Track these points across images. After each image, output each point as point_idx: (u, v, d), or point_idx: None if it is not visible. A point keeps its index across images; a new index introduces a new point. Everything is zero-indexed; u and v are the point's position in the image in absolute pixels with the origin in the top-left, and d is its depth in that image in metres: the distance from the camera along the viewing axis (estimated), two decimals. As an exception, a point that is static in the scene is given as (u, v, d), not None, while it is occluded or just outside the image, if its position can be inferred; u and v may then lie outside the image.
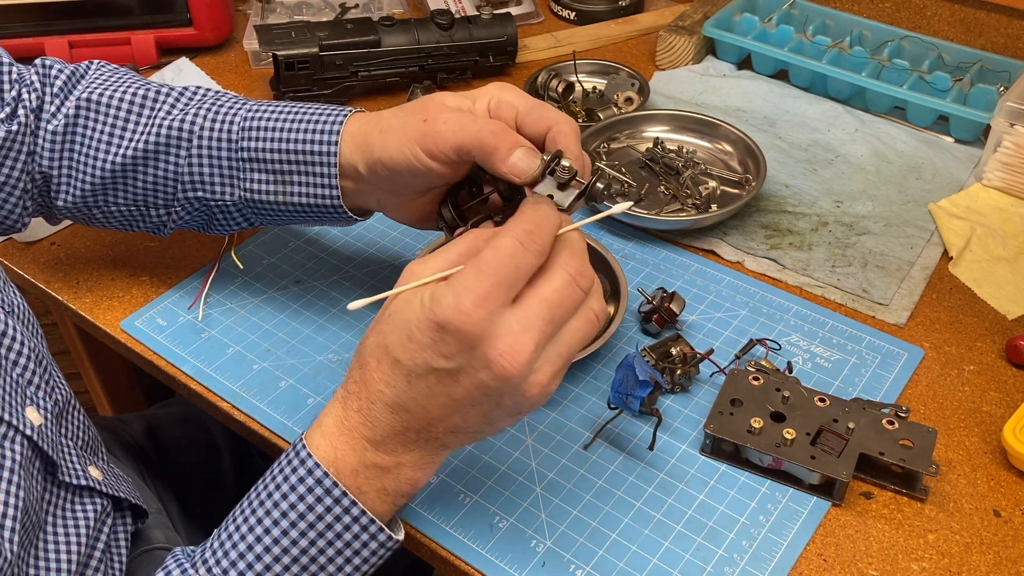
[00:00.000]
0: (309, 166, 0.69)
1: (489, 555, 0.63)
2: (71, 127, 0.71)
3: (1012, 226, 0.87)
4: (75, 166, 0.72)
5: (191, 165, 0.71)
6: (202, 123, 0.70)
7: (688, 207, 0.88)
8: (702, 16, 1.12)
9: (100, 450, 0.70)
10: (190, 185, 0.72)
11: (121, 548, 0.66)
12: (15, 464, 0.55)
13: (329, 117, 0.69)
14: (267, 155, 0.69)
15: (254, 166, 0.70)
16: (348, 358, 0.76)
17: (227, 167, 0.71)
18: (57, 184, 0.73)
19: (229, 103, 0.72)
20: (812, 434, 0.66)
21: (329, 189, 0.69)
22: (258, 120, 0.70)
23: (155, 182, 0.72)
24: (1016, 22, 1.03)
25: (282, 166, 0.69)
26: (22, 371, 0.60)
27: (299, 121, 0.69)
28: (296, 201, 0.70)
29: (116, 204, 0.74)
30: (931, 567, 0.61)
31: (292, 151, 0.69)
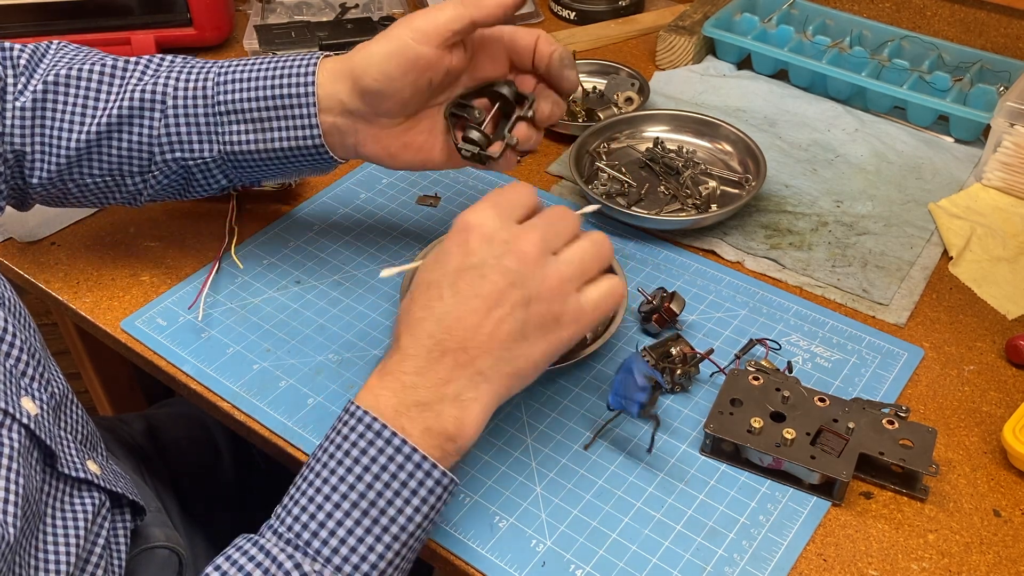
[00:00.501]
0: (287, 109, 0.70)
1: (489, 555, 0.63)
2: (40, 102, 0.71)
3: (1012, 226, 0.87)
4: (48, 140, 0.72)
5: (167, 126, 0.71)
6: (175, 84, 0.71)
7: (688, 207, 0.88)
8: (702, 16, 1.12)
9: (99, 446, 0.70)
10: (168, 147, 0.72)
11: (121, 545, 0.66)
12: (13, 452, 0.55)
13: (303, 60, 0.71)
14: (244, 104, 0.70)
15: (232, 118, 0.71)
16: (348, 358, 0.76)
17: (204, 123, 0.71)
18: (31, 161, 0.72)
19: (200, 64, 0.73)
20: (812, 434, 0.66)
21: (309, 129, 0.70)
22: (233, 74, 0.71)
23: (130, 148, 0.72)
24: (1016, 22, 1.03)
25: (260, 113, 0.70)
26: (15, 362, 0.60)
27: (274, 68, 0.71)
28: (276, 147, 0.71)
29: (92, 175, 0.74)
30: (931, 567, 0.61)
31: (269, 96, 0.70)
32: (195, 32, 1.13)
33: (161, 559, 0.73)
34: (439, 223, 0.89)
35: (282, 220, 0.90)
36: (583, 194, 0.89)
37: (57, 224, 0.89)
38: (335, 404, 0.72)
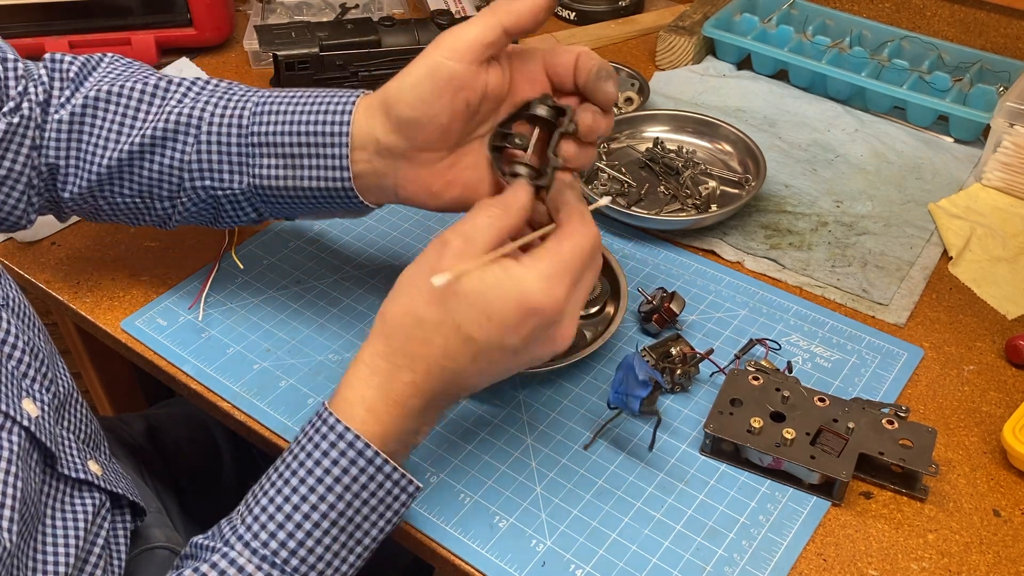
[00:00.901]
0: (320, 147, 0.67)
1: (489, 555, 0.63)
2: (79, 116, 0.70)
3: (1012, 226, 0.87)
4: (83, 156, 0.71)
5: (199, 152, 0.70)
6: (212, 110, 0.69)
7: (688, 207, 0.88)
8: (702, 16, 1.12)
9: (102, 445, 0.70)
10: (197, 174, 0.70)
11: (121, 546, 0.66)
12: (12, 455, 0.55)
13: (343, 96, 0.67)
14: (277, 138, 0.68)
15: (263, 151, 0.68)
16: (348, 358, 0.76)
17: (236, 153, 0.69)
18: (64, 175, 0.72)
19: (241, 91, 0.71)
20: (812, 434, 0.66)
21: (339, 171, 0.67)
22: (270, 105, 0.69)
23: (160, 171, 0.71)
24: (1016, 22, 1.03)
25: (292, 149, 0.68)
26: (17, 364, 0.60)
27: (311, 103, 0.68)
28: (305, 186, 0.68)
29: (121, 195, 0.73)
30: (931, 567, 0.62)
31: (303, 132, 0.67)
32: (195, 32, 1.13)
33: (161, 560, 0.73)
34: (439, 223, 0.89)
35: (282, 220, 0.90)
36: (583, 194, 0.88)
37: (57, 224, 0.89)
38: (335, 404, 0.72)
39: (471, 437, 0.70)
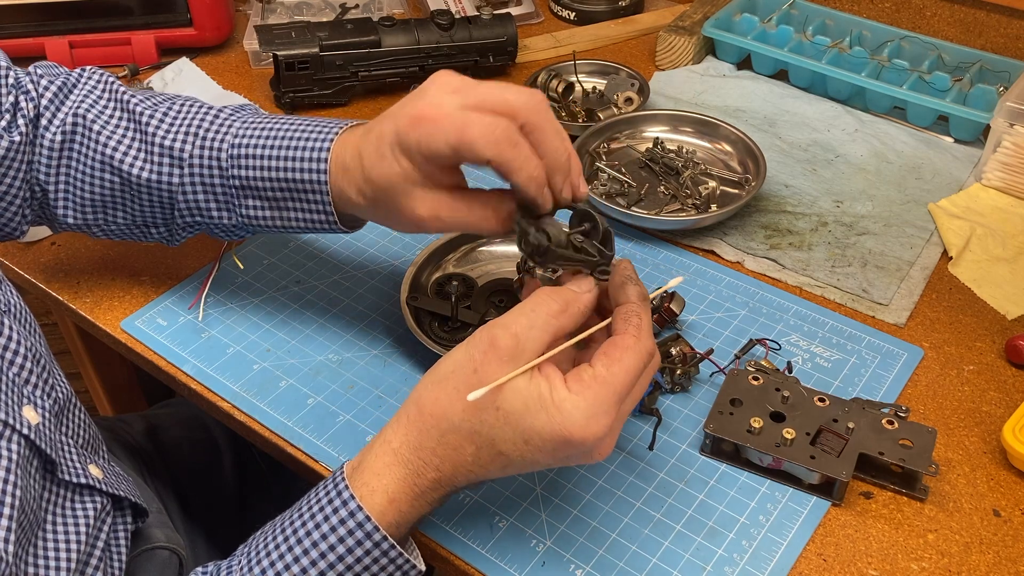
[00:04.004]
0: (301, 194, 0.67)
1: (489, 555, 0.63)
2: (67, 143, 0.71)
3: (1011, 226, 0.87)
4: (71, 185, 0.72)
5: (185, 192, 0.70)
6: (190, 150, 0.69)
7: (688, 207, 0.88)
8: (702, 16, 1.12)
9: (101, 448, 0.70)
10: (187, 210, 0.71)
11: (121, 547, 0.66)
12: (12, 463, 0.54)
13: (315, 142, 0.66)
14: (259, 183, 0.68)
15: (247, 193, 0.69)
16: (348, 358, 0.76)
17: (221, 194, 0.70)
18: (55, 200, 0.73)
19: (212, 125, 0.70)
20: (812, 434, 0.66)
21: (325, 215, 0.68)
22: (246, 148, 0.68)
23: (151, 206, 0.72)
24: (1016, 22, 1.03)
25: (275, 194, 0.68)
26: (19, 370, 0.60)
27: (286, 148, 0.67)
28: (294, 225, 0.70)
29: (116, 223, 0.74)
30: (931, 567, 0.62)
31: (282, 179, 0.67)
32: (195, 32, 1.13)
33: (161, 560, 0.73)
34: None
35: (282, 220, 0.90)
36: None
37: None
38: (335, 404, 0.72)
39: (471, 437, 0.70)
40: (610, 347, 0.54)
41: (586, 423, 0.51)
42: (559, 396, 0.51)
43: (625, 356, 0.53)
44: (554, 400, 0.51)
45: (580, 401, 0.51)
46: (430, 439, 0.54)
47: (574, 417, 0.51)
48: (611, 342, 0.54)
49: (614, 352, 0.53)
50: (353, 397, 0.73)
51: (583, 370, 0.53)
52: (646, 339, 0.54)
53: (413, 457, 0.55)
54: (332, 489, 0.55)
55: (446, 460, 0.54)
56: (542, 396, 0.51)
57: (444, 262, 0.83)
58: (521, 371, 0.52)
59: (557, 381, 0.52)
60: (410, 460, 0.55)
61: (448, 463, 0.54)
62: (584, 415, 0.51)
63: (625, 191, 0.90)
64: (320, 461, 0.68)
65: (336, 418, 0.71)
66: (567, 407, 0.51)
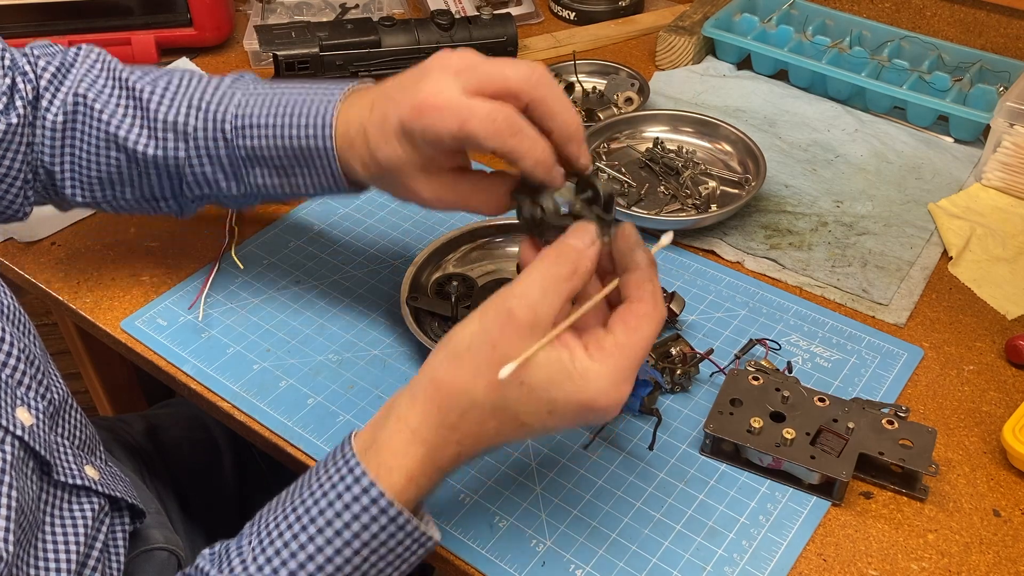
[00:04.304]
0: (309, 160, 0.67)
1: (489, 555, 0.63)
2: (70, 124, 0.71)
3: (1011, 226, 0.87)
4: (77, 164, 0.72)
5: (192, 166, 0.70)
6: (194, 123, 0.69)
7: (688, 207, 0.88)
8: (702, 16, 1.12)
9: (98, 449, 0.70)
10: (194, 183, 0.71)
11: (119, 548, 0.66)
12: (7, 465, 0.54)
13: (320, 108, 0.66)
14: (265, 152, 0.68)
15: (254, 163, 0.69)
16: (348, 358, 0.76)
17: (228, 165, 0.70)
18: (62, 180, 0.73)
19: (214, 96, 0.70)
20: (812, 434, 0.66)
21: (333, 179, 0.67)
22: (251, 117, 0.68)
23: (159, 180, 0.72)
24: (1016, 22, 1.03)
25: (282, 162, 0.68)
26: (11, 371, 0.60)
27: (291, 115, 0.67)
28: (303, 191, 0.70)
29: (125, 199, 0.74)
30: (931, 567, 0.61)
31: (289, 147, 0.67)
32: (195, 32, 1.13)
33: (160, 561, 0.73)
34: (439, 223, 0.89)
35: (282, 220, 0.90)
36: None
37: (57, 224, 0.89)
38: (335, 404, 0.72)
39: (471, 437, 0.70)
40: (628, 315, 0.54)
41: (610, 390, 0.51)
42: (582, 366, 0.51)
43: (643, 324, 0.53)
44: (578, 370, 0.51)
45: (603, 369, 0.51)
46: (451, 416, 0.53)
47: (600, 385, 0.51)
48: (629, 309, 0.54)
49: (632, 320, 0.53)
50: (353, 397, 0.73)
51: (603, 338, 0.53)
52: (661, 306, 0.54)
53: (432, 436, 0.53)
54: (343, 464, 0.54)
55: (467, 435, 0.53)
56: (565, 367, 0.51)
57: (444, 262, 0.83)
58: (545, 342, 0.51)
59: (578, 350, 0.52)
60: (429, 439, 0.53)
61: (470, 438, 0.53)
62: (608, 383, 0.51)
63: (625, 191, 0.90)
64: (320, 461, 0.68)
65: (336, 418, 0.71)
66: (591, 376, 0.51)
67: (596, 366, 0.51)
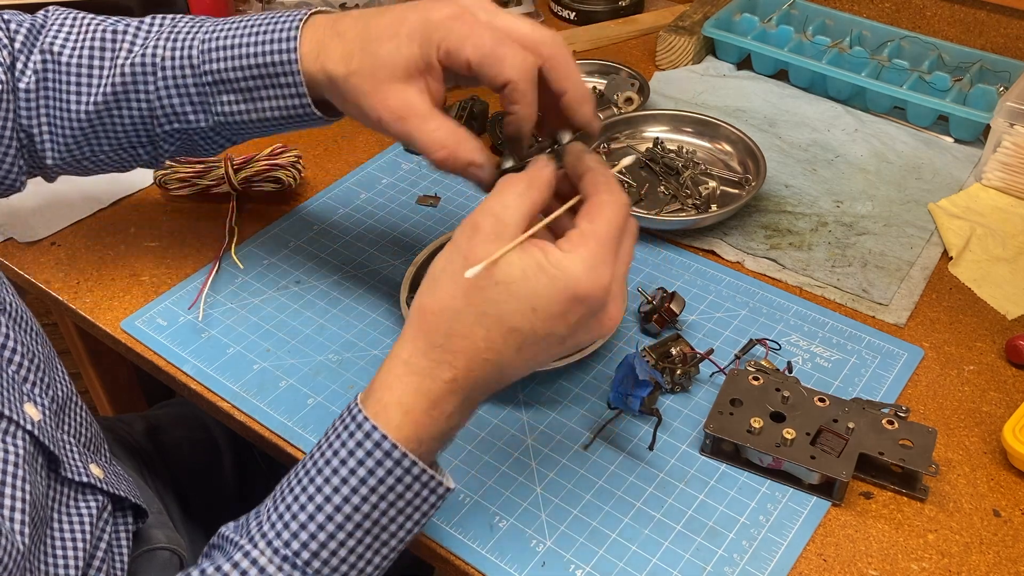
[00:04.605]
0: (274, 78, 0.67)
1: (489, 555, 0.63)
2: (41, 83, 0.71)
3: (1012, 226, 0.87)
4: (52, 121, 0.72)
5: (160, 98, 0.70)
6: (163, 53, 0.69)
7: (688, 207, 0.88)
8: (702, 16, 1.12)
9: (103, 448, 0.70)
10: (164, 118, 0.71)
11: (123, 548, 0.66)
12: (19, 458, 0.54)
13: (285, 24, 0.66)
14: (230, 74, 0.68)
15: (220, 88, 0.69)
16: (348, 358, 0.76)
17: (195, 93, 0.69)
18: (41, 141, 0.72)
19: (187, 27, 0.70)
20: (812, 434, 0.66)
21: (299, 99, 0.67)
22: (217, 40, 0.68)
23: (132, 121, 0.72)
24: (1016, 22, 1.03)
25: (247, 83, 0.68)
26: (17, 368, 0.60)
27: (256, 33, 0.67)
28: (269, 116, 0.69)
29: (102, 150, 0.74)
30: (931, 567, 0.62)
31: (253, 65, 0.67)
32: (195, 32, 1.13)
33: (162, 561, 0.73)
34: (439, 223, 0.89)
35: (282, 220, 0.90)
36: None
37: (57, 224, 0.89)
38: (335, 404, 0.72)
39: (471, 437, 0.70)
40: (587, 207, 0.54)
41: (588, 273, 0.51)
42: (555, 257, 0.52)
43: (604, 208, 0.54)
44: (551, 261, 0.52)
45: (576, 256, 0.52)
46: (438, 335, 0.53)
47: (575, 270, 0.51)
48: (588, 203, 0.55)
49: (592, 209, 0.54)
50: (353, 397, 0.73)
51: (570, 233, 0.53)
52: (618, 192, 0.55)
53: (423, 361, 0.53)
54: (347, 415, 0.54)
55: (458, 353, 0.53)
56: (539, 261, 0.52)
57: (444, 262, 0.83)
58: (513, 244, 0.52)
59: (550, 247, 0.52)
60: (420, 365, 0.53)
61: (461, 356, 0.53)
62: (584, 266, 0.52)
63: (625, 191, 0.90)
64: (320, 461, 0.68)
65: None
66: (565, 263, 0.52)
67: (567, 255, 0.52)
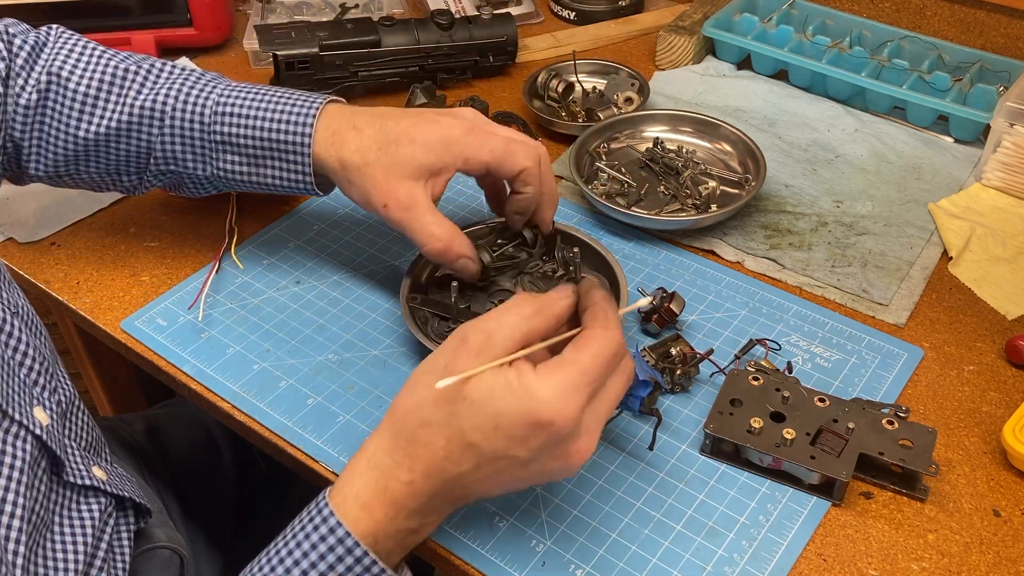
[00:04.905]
0: (282, 153, 0.71)
1: (489, 555, 0.63)
2: (42, 101, 0.72)
3: (1011, 226, 0.87)
4: (46, 139, 0.73)
5: (163, 143, 0.73)
6: (173, 103, 0.72)
7: (688, 207, 0.88)
8: (702, 16, 1.12)
9: (104, 450, 0.70)
10: (163, 160, 0.74)
11: (124, 547, 0.66)
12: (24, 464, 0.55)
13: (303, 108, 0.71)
14: (240, 140, 0.71)
15: (227, 148, 0.72)
16: (348, 358, 0.76)
17: (199, 147, 0.72)
18: (28, 155, 0.74)
19: (200, 84, 0.73)
20: (812, 434, 0.66)
21: (302, 175, 0.72)
22: (232, 106, 0.72)
23: (127, 155, 0.74)
24: (1016, 22, 1.03)
25: (255, 151, 0.71)
26: (28, 371, 0.60)
27: (272, 110, 0.71)
28: (268, 181, 0.73)
29: (88, 173, 0.76)
30: (931, 567, 0.62)
31: (265, 138, 0.71)
32: (195, 32, 1.13)
33: (162, 560, 0.73)
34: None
35: (282, 220, 0.90)
36: (583, 194, 0.89)
37: (57, 224, 0.89)
38: (335, 404, 0.72)
39: (471, 437, 0.70)
40: (578, 338, 0.54)
41: (556, 400, 0.50)
42: (526, 380, 0.51)
43: (592, 342, 0.53)
44: (521, 383, 0.51)
45: (547, 381, 0.51)
46: (402, 438, 0.54)
47: (543, 395, 0.50)
48: (580, 334, 0.54)
49: (581, 341, 0.53)
50: (353, 397, 0.73)
51: (552, 359, 0.53)
52: (613, 329, 0.54)
53: (384, 459, 0.54)
54: (313, 505, 0.55)
55: (417, 459, 0.53)
56: (510, 382, 0.51)
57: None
58: (490, 365, 0.51)
59: (526, 369, 0.52)
60: (381, 462, 0.54)
61: (420, 462, 0.53)
62: (553, 393, 0.50)
63: (625, 191, 0.90)
64: (320, 461, 0.68)
65: (336, 418, 0.71)
66: (534, 387, 0.51)
67: (540, 379, 0.51)
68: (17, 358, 0.60)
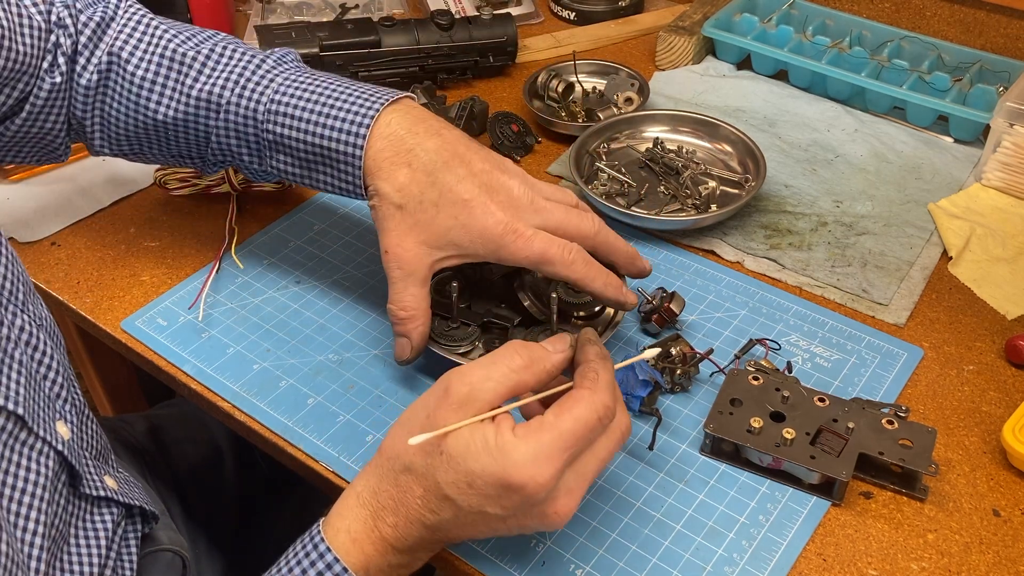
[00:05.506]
0: (333, 161, 0.69)
1: (489, 555, 0.63)
2: (102, 83, 0.72)
3: (1011, 226, 0.87)
4: (105, 121, 0.74)
5: (219, 136, 0.72)
6: (229, 96, 0.71)
7: (688, 207, 0.88)
8: (702, 16, 1.12)
9: (110, 457, 0.70)
10: (219, 153, 0.74)
11: (132, 552, 0.66)
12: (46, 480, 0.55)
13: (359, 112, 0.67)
14: (291, 143, 0.70)
15: (279, 148, 0.71)
16: (348, 358, 0.76)
17: (254, 143, 0.72)
18: (91, 132, 0.75)
19: (260, 74, 0.71)
20: (812, 434, 0.66)
21: (352, 185, 0.69)
22: (284, 104, 0.69)
23: (187, 142, 0.74)
24: (1016, 22, 1.03)
25: (306, 155, 0.70)
26: (51, 384, 0.60)
27: (327, 114, 0.68)
28: (320, 186, 0.72)
29: (152, 155, 0.77)
30: (931, 567, 0.62)
31: (316, 144, 0.69)
32: (195, 32, 1.13)
33: (165, 562, 0.73)
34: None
35: (282, 220, 0.90)
36: (583, 194, 0.89)
37: (57, 224, 0.89)
38: (335, 404, 0.72)
39: (471, 437, 0.70)
40: (564, 399, 0.53)
41: (528, 464, 0.50)
42: (503, 440, 0.51)
43: (576, 406, 0.52)
44: (497, 443, 0.51)
45: (522, 444, 0.50)
46: (386, 481, 0.54)
47: (516, 458, 0.50)
48: (566, 395, 0.54)
49: (566, 402, 0.53)
50: (353, 397, 0.73)
51: (533, 419, 0.52)
52: (602, 392, 0.53)
53: (372, 500, 0.55)
54: (308, 537, 0.56)
55: (400, 503, 0.54)
56: (486, 440, 0.51)
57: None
58: (468, 421, 0.51)
59: (505, 427, 0.51)
60: (369, 502, 0.55)
61: (402, 507, 0.54)
62: (526, 456, 0.50)
63: (625, 191, 0.90)
64: (320, 461, 0.68)
65: (336, 418, 0.71)
66: (509, 448, 0.50)
67: (515, 440, 0.51)
68: (42, 371, 0.60)
